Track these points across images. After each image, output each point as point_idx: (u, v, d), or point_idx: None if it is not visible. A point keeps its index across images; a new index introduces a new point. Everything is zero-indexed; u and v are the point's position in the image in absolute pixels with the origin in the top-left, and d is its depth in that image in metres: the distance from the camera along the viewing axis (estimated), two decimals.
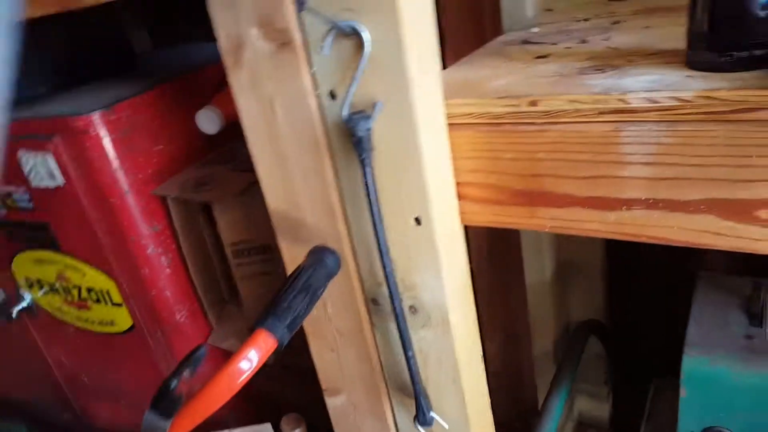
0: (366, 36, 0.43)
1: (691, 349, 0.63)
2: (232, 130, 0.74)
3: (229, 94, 0.53)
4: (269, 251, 0.92)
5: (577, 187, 0.44)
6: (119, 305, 0.97)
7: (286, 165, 0.53)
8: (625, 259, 1.07)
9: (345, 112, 0.46)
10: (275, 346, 0.45)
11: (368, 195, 0.47)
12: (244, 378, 0.43)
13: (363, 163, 0.46)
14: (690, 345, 0.63)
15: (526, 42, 0.62)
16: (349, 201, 0.52)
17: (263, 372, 0.46)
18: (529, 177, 0.46)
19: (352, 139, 0.45)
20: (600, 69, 0.46)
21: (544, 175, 0.45)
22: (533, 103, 0.43)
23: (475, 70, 0.55)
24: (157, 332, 0.97)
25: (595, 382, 1.12)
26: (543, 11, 0.79)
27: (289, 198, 0.55)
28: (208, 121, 0.84)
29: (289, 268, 0.60)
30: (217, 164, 0.94)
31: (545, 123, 0.43)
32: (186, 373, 0.43)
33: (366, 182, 0.46)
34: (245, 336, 0.45)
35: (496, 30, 0.74)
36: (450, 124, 0.48)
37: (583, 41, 0.57)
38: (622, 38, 0.55)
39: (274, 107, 0.51)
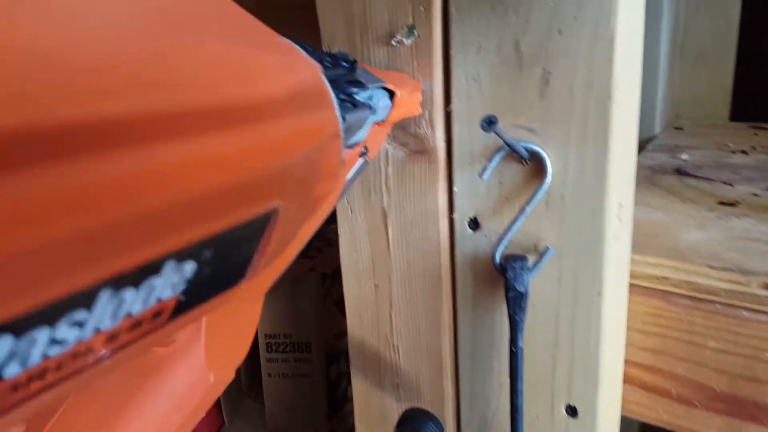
0: (550, 167, 0.32)
1: None
2: None
3: None
4: (307, 351, 0.78)
5: None
6: None
7: (387, 293, 0.41)
8: None
9: (498, 254, 0.34)
10: None
11: (513, 368, 0.34)
12: None
13: (515, 326, 0.34)
14: None
15: (682, 172, 0.51)
16: (467, 356, 0.39)
17: None
18: (743, 380, 0.33)
19: (507, 293, 0.33)
20: None
21: (766, 383, 0.32)
22: None
23: (639, 207, 0.43)
24: None
25: None
26: (672, 128, 0.69)
27: (382, 333, 0.42)
28: None
29: (361, 417, 0.46)
30: None
31: None
32: None
33: (513, 350, 0.34)
34: None
35: None
36: (629, 284, 0.36)
37: None
38: None
39: (387, 222, 0.39)
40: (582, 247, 0.32)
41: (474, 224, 0.36)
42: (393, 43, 0.35)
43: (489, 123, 0.28)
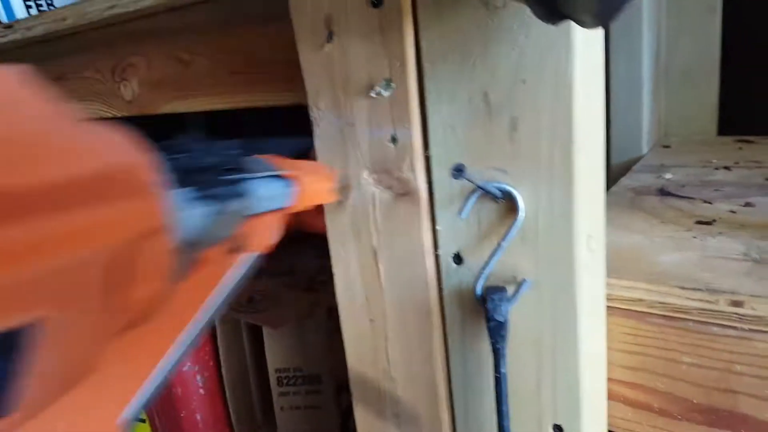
0: (522, 205, 0.34)
1: None
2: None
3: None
4: (318, 383, 0.80)
5: None
6: (142, 421, 0.86)
7: (382, 328, 0.43)
8: None
9: (479, 286, 0.37)
10: None
11: (498, 393, 0.36)
12: None
13: (496, 353, 0.36)
14: None
15: (664, 193, 0.53)
16: (460, 386, 0.41)
17: None
18: (717, 391, 0.35)
19: (487, 323, 0.35)
20: None
21: (740, 393, 0.34)
22: (736, 304, 0.33)
23: (621, 232, 0.45)
24: None
25: None
26: (659, 147, 0.71)
27: (380, 366, 0.45)
28: None
29: None
30: (271, 276, 0.85)
31: (751, 330, 0.33)
32: None
33: (497, 376, 0.36)
34: None
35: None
36: (607, 307, 0.38)
37: (748, 203, 0.47)
38: None
39: (378, 262, 0.42)
40: (556, 278, 0.34)
41: (458, 259, 0.38)
42: (372, 95, 0.38)
43: (458, 171, 0.30)
